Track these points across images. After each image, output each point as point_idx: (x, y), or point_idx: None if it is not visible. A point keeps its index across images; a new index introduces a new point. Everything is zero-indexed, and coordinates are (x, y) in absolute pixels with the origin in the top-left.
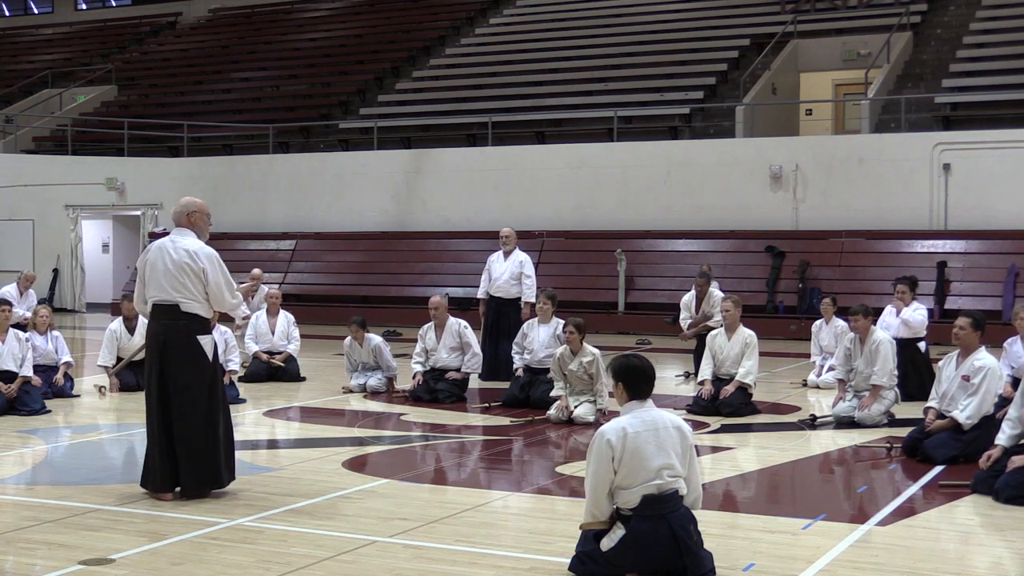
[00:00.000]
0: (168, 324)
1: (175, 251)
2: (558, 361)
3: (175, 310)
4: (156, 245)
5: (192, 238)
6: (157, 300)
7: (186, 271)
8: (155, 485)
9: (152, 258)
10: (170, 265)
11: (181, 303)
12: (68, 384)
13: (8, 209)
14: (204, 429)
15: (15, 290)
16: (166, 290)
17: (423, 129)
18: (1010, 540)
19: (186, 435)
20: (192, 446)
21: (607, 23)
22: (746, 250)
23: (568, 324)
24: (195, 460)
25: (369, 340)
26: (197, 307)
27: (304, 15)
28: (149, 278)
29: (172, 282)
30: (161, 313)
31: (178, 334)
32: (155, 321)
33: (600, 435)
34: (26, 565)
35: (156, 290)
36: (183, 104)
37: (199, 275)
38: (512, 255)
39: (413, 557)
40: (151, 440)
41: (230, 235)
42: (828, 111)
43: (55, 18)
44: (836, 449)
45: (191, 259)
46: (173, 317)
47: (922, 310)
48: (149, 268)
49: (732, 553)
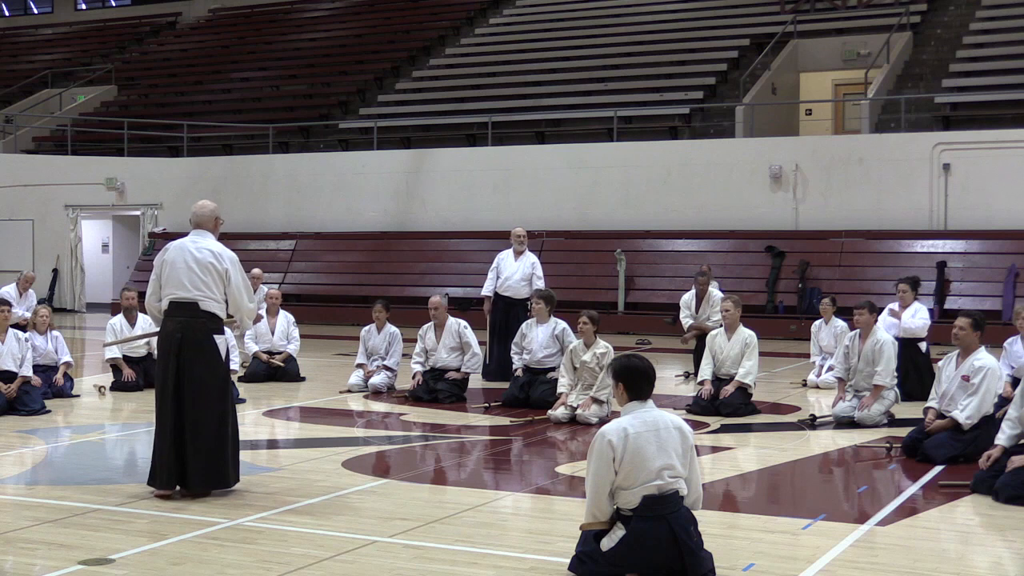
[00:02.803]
0: (186, 321)
1: (198, 251)
2: (571, 353)
3: (194, 308)
4: (175, 244)
5: (212, 239)
6: (175, 298)
7: (210, 270)
8: (162, 482)
9: (172, 256)
10: (192, 264)
11: (200, 301)
12: (68, 384)
13: (8, 209)
14: (217, 428)
15: (14, 290)
16: (186, 287)
17: (423, 129)
18: (1010, 540)
19: (199, 432)
20: (204, 444)
21: (607, 23)
22: (746, 250)
23: (583, 316)
24: (206, 458)
25: (388, 327)
26: (215, 307)
27: (304, 15)
28: (168, 276)
29: (194, 280)
30: (179, 310)
31: (196, 332)
32: (172, 318)
33: (601, 435)
34: (26, 565)
35: (175, 287)
36: (183, 104)
37: (222, 276)
38: (524, 256)
39: (413, 557)
40: (162, 437)
41: (230, 235)
42: (828, 111)
43: (55, 18)
44: (836, 449)
45: (216, 259)
46: (192, 315)
47: (923, 311)
48: (168, 266)
49: (732, 553)
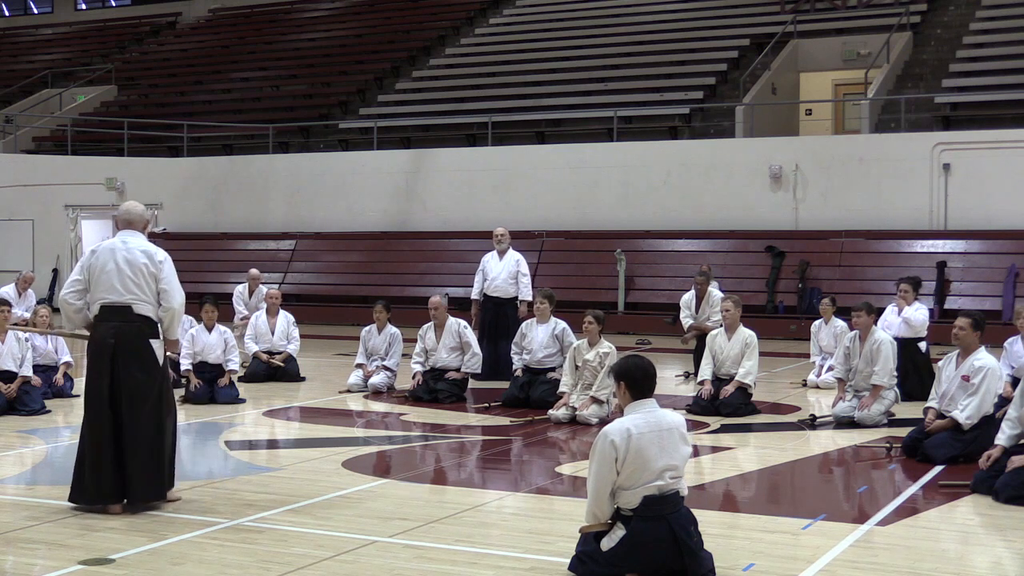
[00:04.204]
0: (119, 326)
1: (128, 252)
2: (573, 352)
3: (127, 311)
4: (104, 246)
5: (143, 239)
6: (107, 302)
7: (142, 271)
8: (98, 496)
9: (102, 259)
10: (124, 265)
11: (134, 304)
12: (68, 384)
13: (8, 209)
14: (154, 435)
15: (14, 291)
16: (118, 291)
17: (423, 129)
18: (1010, 540)
19: (138, 442)
20: (143, 453)
21: (607, 23)
22: (746, 250)
23: (588, 315)
24: (146, 467)
25: (388, 327)
26: (150, 309)
27: (304, 15)
28: (97, 279)
29: (125, 283)
30: (111, 314)
31: (130, 337)
32: (104, 323)
33: (604, 436)
34: (26, 565)
35: (106, 291)
36: (183, 104)
37: (155, 276)
38: (507, 254)
39: (413, 557)
40: (95, 448)
41: (230, 235)
42: (828, 111)
43: (55, 18)
44: (836, 449)
45: (148, 260)
46: (125, 319)
47: (923, 310)
48: (98, 270)
49: (732, 553)
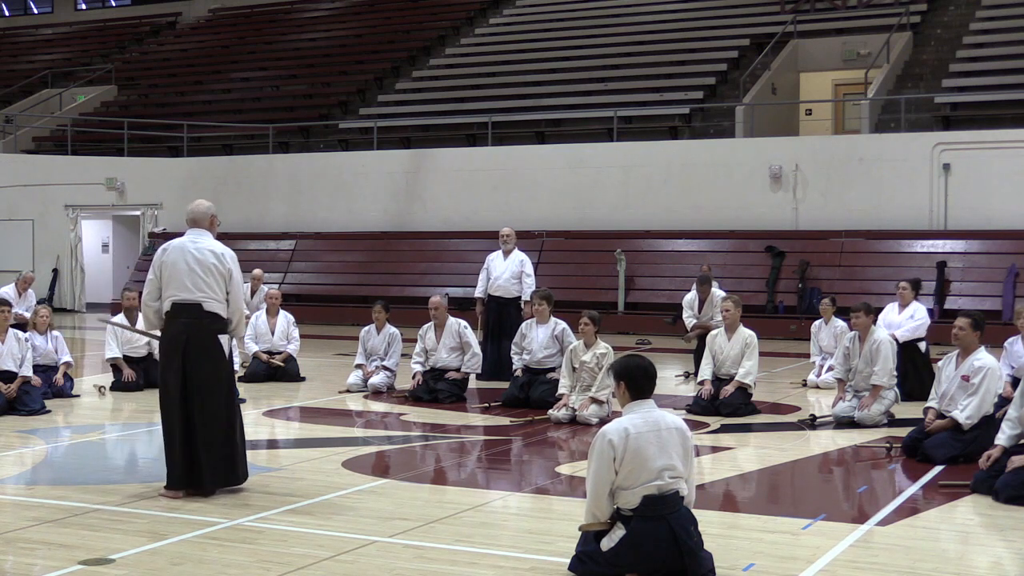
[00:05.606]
0: (190, 323)
1: (199, 251)
2: (570, 353)
3: (198, 309)
4: (175, 245)
5: (211, 239)
6: (179, 299)
7: (212, 271)
8: (174, 483)
9: (172, 257)
10: (195, 265)
11: (204, 302)
12: (68, 384)
13: (8, 209)
14: (226, 427)
15: (13, 291)
16: (189, 289)
17: (423, 129)
18: (1010, 540)
19: (209, 433)
20: (215, 444)
21: (607, 23)
22: (746, 250)
23: (584, 316)
24: (218, 458)
25: (387, 327)
26: (218, 307)
27: (304, 15)
28: (169, 277)
29: (196, 281)
30: (182, 312)
31: (201, 332)
32: (175, 320)
33: (602, 435)
34: (26, 565)
35: (177, 288)
36: (183, 104)
37: (225, 276)
38: (512, 254)
39: (413, 557)
40: (171, 439)
41: (230, 235)
42: (828, 111)
43: (55, 18)
44: (836, 449)
45: (218, 260)
46: (195, 316)
47: (921, 311)
48: (169, 267)
49: (732, 553)
